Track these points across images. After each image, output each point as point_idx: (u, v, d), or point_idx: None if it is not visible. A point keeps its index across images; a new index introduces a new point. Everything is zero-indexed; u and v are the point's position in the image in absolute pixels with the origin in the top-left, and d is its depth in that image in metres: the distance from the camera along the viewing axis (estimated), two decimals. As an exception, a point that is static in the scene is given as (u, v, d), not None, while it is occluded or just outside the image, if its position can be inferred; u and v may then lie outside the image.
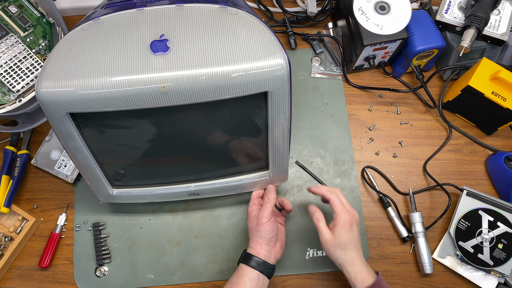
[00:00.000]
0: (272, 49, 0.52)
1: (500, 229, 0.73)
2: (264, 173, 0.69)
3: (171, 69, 0.50)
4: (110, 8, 0.57)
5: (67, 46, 0.53)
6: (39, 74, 0.52)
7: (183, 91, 0.51)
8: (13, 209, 0.76)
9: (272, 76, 0.52)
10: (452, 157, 0.83)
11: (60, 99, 0.51)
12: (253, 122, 0.61)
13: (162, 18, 0.54)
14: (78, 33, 0.54)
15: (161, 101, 0.52)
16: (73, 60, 0.52)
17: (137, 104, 0.52)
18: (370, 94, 0.87)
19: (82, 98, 0.51)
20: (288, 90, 0.55)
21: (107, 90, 0.50)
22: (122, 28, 0.53)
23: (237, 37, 0.52)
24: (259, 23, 0.53)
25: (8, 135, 0.82)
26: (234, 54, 0.51)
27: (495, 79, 0.75)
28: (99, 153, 0.62)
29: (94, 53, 0.52)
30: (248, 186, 0.71)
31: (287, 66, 0.52)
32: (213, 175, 0.70)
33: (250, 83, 0.52)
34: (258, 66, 0.51)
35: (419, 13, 0.81)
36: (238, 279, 0.64)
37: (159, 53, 0.51)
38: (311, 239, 0.77)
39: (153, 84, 0.50)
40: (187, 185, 0.70)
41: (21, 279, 0.75)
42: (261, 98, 0.56)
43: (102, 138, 0.60)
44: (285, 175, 0.70)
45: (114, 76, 0.50)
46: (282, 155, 0.65)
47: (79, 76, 0.51)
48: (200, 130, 0.62)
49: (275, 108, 0.56)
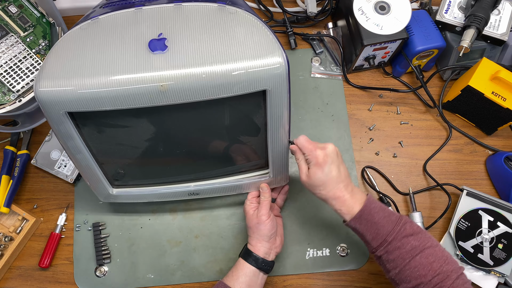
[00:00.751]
0: (270, 47, 0.52)
1: (500, 229, 0.73)
2: (264, 173, 0.69)
3: (169, 68, 0.50)
4: (108, 7, 0.57)
5: (66, 46, 0.53)
6: (38, 73, 0.52)
7: (181, 89, 0.51)
8: (13, 209, 0.76)
9: (270, 75, 0.52)
10: (452, 157, 0.83)
11: (59, 98, 0.51)
12: (252, 121, 0.61)
13: (161, 17, 0.54)
14: (76, 32, 0.54)
15: (159, 100, 0.52)
16: (71, 60, 0.52)
17: (136, 103, 0.52)
18: (370, 94, 0.87)
19: (81, 97, 0.51)
20: (287, 89, 0.55)
21: (105, 89, 0.50)
22: (120, 27, 0.53)
23: (235, 36, 0.52)
24: (257, 22, 0.53)
25: (8, 135, 0.82)
26: (232, 52, 0.51)
27: (495, 79, 0.75)
28: (98, 152, 0.62)
29: (92, 52, 0.52)
30: (248, 186, 0.71)
31: (286, 64, 0.52)
32: (212, 175, 0.70)
33: (248, 81, 0.52)
34: (256, 64, 0.51)
35: (419, 13, 0.81)
36: (234, 272, 0.65)
37: (157, 52, 0.51)
38: (311, 239, 0.77)
39: (151, 83, 0.50)
40: (186, 184, 0.70)
41: (21, 279, 0.75)
42: (260, 97, 0.56)
43: (101, 138, 0.60)
44: (286, 175, 0.70)
45: (112, 75, 0.50)
46: (281, 155, 0.65)
47: (77, 75, 0.51)
48: (198, 129, 0.62)
49: (274, 107, 0.56)
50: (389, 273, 0.58)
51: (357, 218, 0.59)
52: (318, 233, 0.77)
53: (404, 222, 0.58)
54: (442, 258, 0.55)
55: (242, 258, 0.66)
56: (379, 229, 0.57)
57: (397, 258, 0.56)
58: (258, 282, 0.65)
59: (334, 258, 0.76)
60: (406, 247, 0.56)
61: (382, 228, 0.57)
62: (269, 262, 0.66)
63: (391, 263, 0.57)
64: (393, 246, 0.56)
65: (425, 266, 0.54)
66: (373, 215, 0.58)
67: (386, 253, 0.57)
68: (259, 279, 0.65)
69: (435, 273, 0.54)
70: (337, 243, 0.77)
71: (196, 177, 0.70)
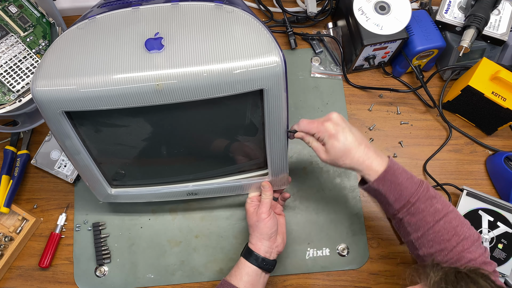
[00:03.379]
0: (267, 46, 0.51)
1: (500, 229, 0.73)
2: (263, 173, 0.69)
3: (165, 67, 0.50)
4: (106, 7, 0.57)
5: (63, 45, 0.53)
6: (35, 73, 0.52)
7: (177, 89, 0.51)
8: (13, 209, 0.76)
9: (267, 74, 0.52)
10: (452, 157, 0.83)
11: (55, 97, 0.51)
12: (249, 121, 0.61)
13: (158, 17, 0.54)
14: (74, 32, 0.54)
15: (155, 99, 0.52)
16: (68, 59, 0.52)
17: (132, 102, 0.52)
18: (370, 94, 0.87)
19: (77, 97, 0.51)
20: (284, 88, 0.54)
21: (101, 89, 0.51)
22: (117, 27, 0.53)
23: (232, 35, 0.52)
24: (254, 21, 0.53)
25: (8, 135, 0.82)
26: (229, 51, 0.51)
27: (495, 79, 0.75)
28: (96, 152, 0.62)
29: (89, 51, 0.52)
30: (247, 187, 0.71)
31: (282, 63, 0.52)
32: (211, 175, 0.70)
33: (244, 81, 0.52)
34: (252, 63, 0.51)
35: (419, 13, 0.81)
36: (237, 272, 0.64)
37: (153, 51, 0.51)
38: (311, 239, 0.77)
39: (148, 82, 0.50)
40: (185, 184, 0.70)
41: (21, 279, 0.75)
42: (257, 96, 0.55)
43: (98, 137, 0.60)
44: (286, 176, 0.70)
45: (108, 74, 0.50)
46: (280, 155, 0.65)
47: (74, 74, 0.51)
48: (195, 129, 0.62)
49: (271, 106, 0.56)
50: (410, 236, 0.57)
51: (380, 179, 0.57)
52: (318, 233, 0.77)
53: (427, 185, 0.57)
54: (464, 223, 0.55)
55: (243, 257, 0.65)
56: (403, 190, 0.56)
57: (420, 221, 0.55)
58: (260, 281, 0.65)
59: (334, 258, 0.76)
60: (429, 210, 0.55)
61: (406, 189, 0.56)
62: (271, 261, 0.66)
63: (413, 226, 0.56)
64: (416, 207, 0.56)
65: (449, 231, 0.54)
66: (397, 176, 0.57)
67: (409, 215, 0.56)
68: (261, 278, 0.65)
69: (459, 238, 0.54)
70: (337, 242, 0.77)
71: (194, 177, 0.70)
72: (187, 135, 0.63)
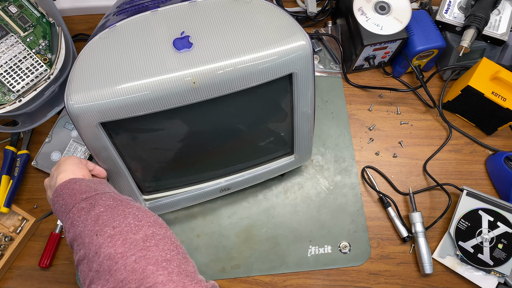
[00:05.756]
0: (292, 30, 0.52)
1: (500, 229, 0.74)
2: (288, 155, 0.71)
3: (198, 64, 0.51)
4: (123, 14, 0.57)
5: (89, 57, 0.52)
6: (66, 89, 0.51)
7: (213, 84, 0.51)
8: (13, 209, 0.76)
9: (296, 57, 0.53)
10: (452, 157, 0.83)
11: (92, 110, 0.51)
12: (280, 107, 0.61)
13: (178, 16, 0.54)
14: (97, 42, 0.53)
15: (192, 97, 0.52)
16: (98, 70, 0.51)
17: (169, 103, 0.52)
18: (370, 94, 0.87)
19: (114, 106, 0.51)
20: (312, 69, 0.55)
21: (138, 94, 0.50)
22: (141, 31, 0.53)
23: (256, 24, 0.53)
24: (274, 8, 0.54)
25: (8, 135, 0.81)
26: (257, 40, 0.52)
27: (495, 79, 0.75)
28: (131, 160, 0.62)
29: (118, 59, 0.52)
30: (274, 171, 0.72)
31: (310, 45, 0.53)
32: (242, 167, 0.71)
33: (276, 67, 0.52)
34: (282, 49, 0.52)
35: (419, 13, 0.81)
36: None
37: (183, 50, 0.51)
38: (312, 237, 0.77)
39: (183, 81, 0.50)
40: (217, 181, 0.70)
41: (21, 279, 0.75)
42: (286, 81, 0.56)
43: (134, 144, 0.60)
44: (309, 155, 0.71)
45: (142, 79, 0.50)
46: (307, 136, 0.66)
47: (107, 84, 0.50)
48: (229, 121, 0.62)
49: (300, 89, 0.57)
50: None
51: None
52: (320, 230, 0.77)
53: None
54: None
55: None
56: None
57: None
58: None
59: (336, 255, 0.76)
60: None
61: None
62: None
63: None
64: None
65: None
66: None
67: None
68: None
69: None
70: (338, 240, 0.77)
71: (226, 172, 0.70)
72: (221, 129, 0.62)
